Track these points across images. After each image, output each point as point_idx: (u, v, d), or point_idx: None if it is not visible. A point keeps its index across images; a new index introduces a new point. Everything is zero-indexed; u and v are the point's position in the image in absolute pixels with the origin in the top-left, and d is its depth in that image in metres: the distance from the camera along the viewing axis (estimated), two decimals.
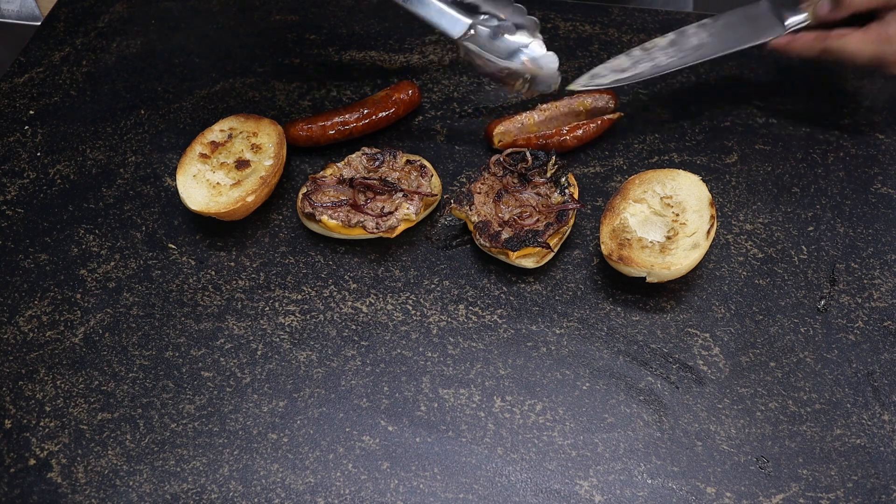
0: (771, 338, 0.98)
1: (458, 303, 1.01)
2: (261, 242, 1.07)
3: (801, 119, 1.21)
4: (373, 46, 1.30)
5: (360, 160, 1.10)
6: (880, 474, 0.87)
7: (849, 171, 1.14)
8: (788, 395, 0.93)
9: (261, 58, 1.29)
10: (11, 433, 0.91)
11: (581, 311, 1.00)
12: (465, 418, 0.91)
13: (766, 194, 1.12)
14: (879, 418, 0.91)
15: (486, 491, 0.86)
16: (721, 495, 0.86)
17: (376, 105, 1.16)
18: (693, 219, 1.01)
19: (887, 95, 1.23)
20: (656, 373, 0.95)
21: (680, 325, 0.99)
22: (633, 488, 0.86)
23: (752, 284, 1.02)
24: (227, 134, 1.12)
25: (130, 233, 1.08)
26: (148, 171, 1.15)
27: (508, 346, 0.97)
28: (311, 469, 0.88)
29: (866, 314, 0.99)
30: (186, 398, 0.93)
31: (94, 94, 1.25)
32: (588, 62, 1.28)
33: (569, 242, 1.06)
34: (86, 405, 0.92)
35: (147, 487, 0.86)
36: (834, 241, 1.06)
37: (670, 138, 1.18)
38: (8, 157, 1.17)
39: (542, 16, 1.35)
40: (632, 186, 1.06)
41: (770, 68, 1.27)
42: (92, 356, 0.96)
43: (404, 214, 1.04)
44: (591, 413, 0.92)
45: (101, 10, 1.37)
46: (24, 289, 1.02)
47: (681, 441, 0.90)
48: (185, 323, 0.99)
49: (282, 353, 0.96)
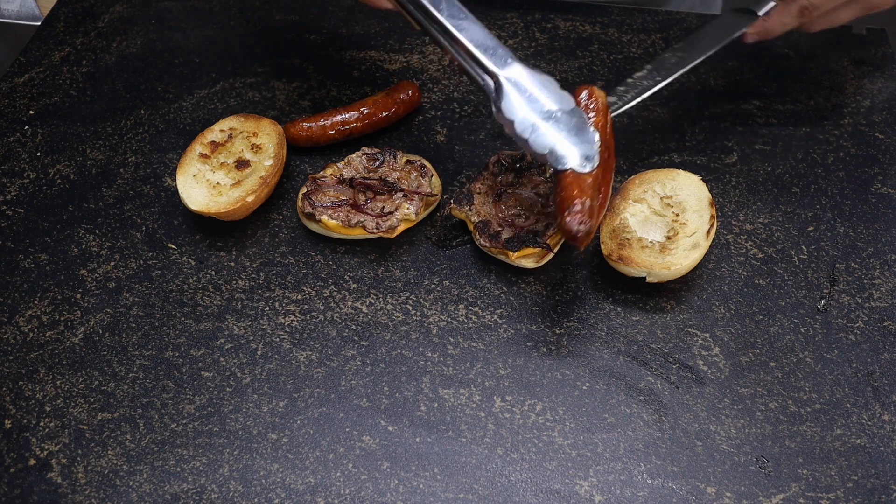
0: (771, 338, 0.98)
1: (458, 303, 1.01)
2: (261, 242, 1.07)
3: (801, 119, 1.21)
4: (373, 46, 1.30)
5: (360, 160, 1.10)
6: (880, 474, 0.87)
7: (849, 171, 1.14)
8: (788, 395, 0.93)
9: (261, 58, 1.29)
10: (11, 433, 0.91)
11: (581, 311, 1.00)
12: (465, 418, 0.91)
13: (766, 194, 1.12)
14: (879, 418, 0.91)
15: (486, 491, 0.86)
16: (721, 495, 0.86)
17: (376, 105, 1.16)
18: (693, 219, 1.01)
19: (887, 95, 1.23)
20: (656, 373, 0.95)
21: (680, 325, 0.99)
22: (633, 488, 0.86)
23: (752, 284, 1.02)
24: (227, 134, 1.12)
25: (130, 233, 1.08)
26: (148, 171, 1.15)
27: (508, 346, 0.97)
28: (311, 469, 0.88)
29: (866, 314, 0.99)
30: (186, 398, 0.93)
31: (94, 94, 1.25)
32: (588, 62, 1.28)
33: (569, 242, 1.06)
34: (86, 405, 0.92)
35: (147, 487, 0.86)
36: (834, 241, 1.06)
37: (670, 138, 1.18)
38: (8, 157, 1.17)
39: (542, 16, 1.35)
40: (632, 186, 1.06)
41: (770, 68, 1.27)
42: (92, 356, 0.96)
43: (404, 214, 1.04)
44: (591, 413, 0.92)
45: (101, 10, 1.37)
46: (24, 289, 1.02)
47: (681, 441, 0.90)
48: (185, 323, 0.99)
49: (282, 353, 0.96)
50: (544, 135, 0.92)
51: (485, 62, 0.93)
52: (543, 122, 0.92)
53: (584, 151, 0.92)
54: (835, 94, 1.24)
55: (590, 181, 0.92)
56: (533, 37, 1.32)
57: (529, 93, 0.93)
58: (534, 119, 0.92)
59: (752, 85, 1.25)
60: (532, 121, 0.92)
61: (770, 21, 1.08)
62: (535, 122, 0.92)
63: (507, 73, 0.93)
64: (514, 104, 0.92)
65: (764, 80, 1.26)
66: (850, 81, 1.25)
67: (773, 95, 1.24)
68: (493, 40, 0.94)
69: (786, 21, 1.07)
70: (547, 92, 0.93)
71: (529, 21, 1.34)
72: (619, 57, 1.29)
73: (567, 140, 0.92)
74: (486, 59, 0.93)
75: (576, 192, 0.90)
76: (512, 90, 0.93)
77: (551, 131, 0.92)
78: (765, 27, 1.08)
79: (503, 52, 0.94)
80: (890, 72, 1.27)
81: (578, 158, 0.91)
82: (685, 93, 1.24)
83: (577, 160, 0.91)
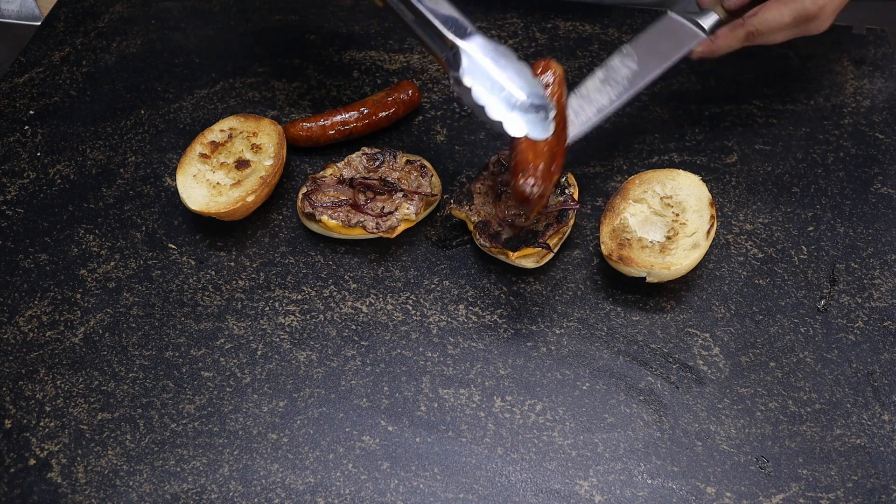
0: (771, 338, 0.98)
1: (458, 303, 1.01)
2: (261, 242, 1.07)
3: (801, 119, 1.21)
4: (373, 46, 1.30)
5: (360, 160, 1.10)
6: (880, 474, 0.87)
7: (849, 171, 1.14)
8: (788, 395, 0.93)
9: (261, 58, 1.29)
10: (11, 433, 0.91)
11: (581, 311, 1.00)
12: (465, 418, 0.91)
13: (766, 194, 1.12)
14: (879, 418, 0.91)
15: (486, 491, 0.86)
16: (721, 495, 0.86)
17: (376, 105, 1.16)
18: (693, 219, 1.01)
19: (887, 95, 1.24)
20: (656, 373, 0.95)
21: (680, 325, 0.99)
22: (633, 488, 0.86)
23: (752, 284, 1.02)
24: (227, 134, 1.12)
25: (130, 233, 1.08)
26: (148, 171, 1.15)
27: (508, 346, 0.97)
28: (311, 469, 0.88)
29: (866, 314, 0.99)
30: (186, 398, 0.93)
31: (94, 94, 1.25)
32: (588, 62, 1.28)
33: (569, 242, 1.06)
34: (86, 405, 0.92)
35: (147, 487, 0.86)
36: (834, 241, 1.06)
37: (670, 138, 1.18)
38: (8, 157, 1.17)
39: (542, 16, 1.35)
40: (632, 186, 1.06)
41: (770, 68, 1.27)
42: (92, 356, 0.96)
43: (404, 214, 1.04)
44: (591, 413, 0.92)
45: (101, 10, 1.37)
46: (24, 289, 1.02)
47: (681, 441, 0.90)
48: (185, 323, 0.99)
49: (282, 353, 0.96)
50: (501, 103, 0.94)
51: (445, 33, 0.96)
52: (501, 91, 0.94)
53: (540, 119, 0.94)
54: (835, 94, 1.24)
55: (544, 147, 0.95)
56: (533, 37, 1.32)
57: (488, 62, 0.95)
58: (491, 87, 0.94)
59: (752, 85, 1.25)
60: (489, 89, 0.94)
61: (717, 42, 1.11)
62: (493, 90, 0.94)
63: (466, 43, 0.96)
64: (473, 73, 0.95)
65: (764, 80, 1.26)
66: (850, 81, 1.25)
67: (773, 95, 1.24)
68: (455, 13, 0.97)
69: (732, 44, 1.10)
70: (505, 61, 0.96)
71: (529, 21, 1.34)
72: None
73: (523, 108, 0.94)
74: (446, 30, 0.96)
75: (530, 156, 0.93)
76: (471, 59, 0.95)
77: (508, 99, 0.94)
78: (711, 48, 1.11)
79: (464, 23, 0.97)
80: (890, 72, 1.27)
81: (534, 126, 0.94)
82: (685, 93, 1.24)
83: (532, 127, 0.93)
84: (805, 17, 1.08)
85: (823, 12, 1.08)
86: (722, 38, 1.10)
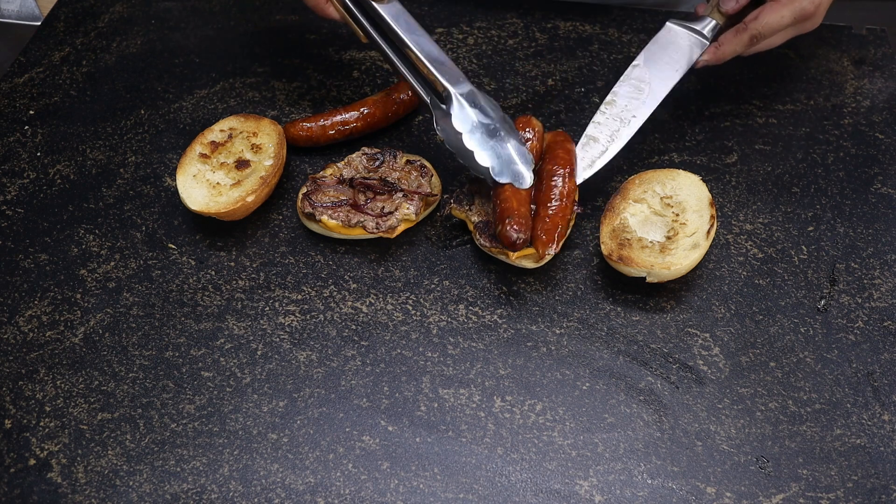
0: (771, 338, 0.98)
1: (458, 303, 1.01)
2: (261, 242, 1.07)
3: (801, 119, 1.21)
4: (373, 46, 1.30)
5: (360, 160, 1.10)
6: (880, 474, 0.87)
7: (849, 171, 1.14)
8: (788, 395, 0.93)
9: (261, 58, 1.29)
10: (11, 433, 0.91)
11: (581, 311, 1.00)
12: (465, 418, 0.91)
13: (766, 194, 1.12)
14: (879, 418, 0.91)
15: (486, 491, 0.86)
16: (721, 495, 0.86)
17: (376, 105, 1.16)
18: (693, 219, 1.01)
19: (887, 95, 1.24)
20: (656, 373, 0.95)
21: (680, 325, 0.99)
22: (633, 488, 0.86)
23: (752, 284, 1.02)
24: (227, 134, 1.12)
25: (130, 233, 1.08)
26: (148, 171, 1.15)
27: (508, 346, 0.97)
28: (311, 469, 0.88)
29: (866, 314, 0.99)
30: (186, 398, 0.93)
31: (94, 94, 1.25)
32: (588, 62, 1.28)
33: (569, 242, 1.06)
34: (86, 405, 0.92)
35: (147, 487, 0.86)
36: (834, 241, 1.06)
37: (670, 138, 1.18)
38: (8, 157, 1.17)
39: (542, 16, 1.35)
40: (632, 186, 1.06)
41: (770, 68, 1.27)
42: (92, 356, 0.96)
43: (404, 214, 1.04)
44: (591, 413, 0.92)
45: (101, 10, 1.37)
46: (24, 289, 1.02)
47: (681, 441, 0.90)
48: (185, 323, 0.99)
49: (282, 353, 0.96)
50: (488, 151, 1.02)
51: (439, 77, 1.04)
52: (488, 140, 1.03)
53: (521, 170, 1.02)
54: (835, 94, 1.24)
55: (525, 195, 1.01)
56: (533, 37, 1.32)
57: (477, 111, 1.04)
58: (479, 135, 1.03)
59: (752, 85, 1.25)
60: (478, 137, 1.02)
61: (723, 49, 1.11)
62: (481, 138, 1.03)
63: (459, 89, 1.04)
64: (464, 120, 1.03)
65: (764, 80, 1.26)
66: (850, 81, 1.25)
67: (773, 95, 1.24)
68: (445, 57, 1.06)
69: (737, 49, 1.11)
70: (493, 113, 1.04)
71: (529, 21, 1.34)
72: (619, 57, 1.29)
73: (507, 158, 1.02)
74: (440, 75, 1.04)
75: (514, 204, 0.99)
76: (463, 106, 1.04)
77: (495, 148, 1.02)
78: (717, 55, 1.11)
79: (455, 69, 1.05)
80: (890, 72, 1.27)
81: (516, 175, 1.01)
82: (685, 93, 1.24)
83: (515, 176, 1.01)
84: (804, 17, 1.09)
85: (819, 10, 1.10)
86: (727, 43, 1.10)
